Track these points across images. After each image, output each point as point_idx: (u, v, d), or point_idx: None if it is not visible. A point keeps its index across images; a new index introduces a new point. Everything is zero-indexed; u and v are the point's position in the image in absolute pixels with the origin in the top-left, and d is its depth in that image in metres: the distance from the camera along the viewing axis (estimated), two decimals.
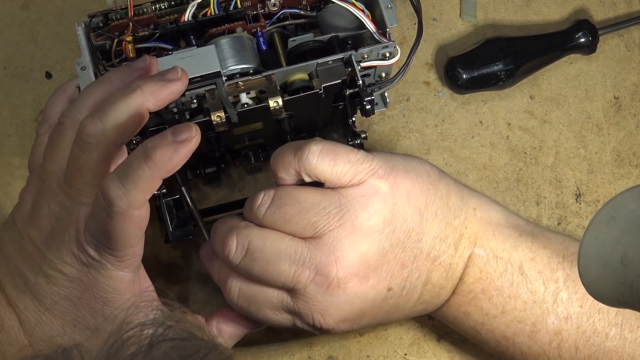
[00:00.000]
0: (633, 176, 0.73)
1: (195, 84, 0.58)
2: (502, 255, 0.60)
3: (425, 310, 0.61)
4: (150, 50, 0.62)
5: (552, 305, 0.59)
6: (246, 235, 0.57)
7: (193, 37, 0.62)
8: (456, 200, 0.60)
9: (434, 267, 0.59)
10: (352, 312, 0.57)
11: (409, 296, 0.59)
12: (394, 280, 0.58)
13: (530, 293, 0.59)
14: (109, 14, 0.62)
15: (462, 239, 0.59)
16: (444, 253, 0.59)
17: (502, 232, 0.60)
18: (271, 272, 0.56)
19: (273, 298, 0.58)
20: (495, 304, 0.60)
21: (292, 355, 0.67)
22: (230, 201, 0.68)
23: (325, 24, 0.64)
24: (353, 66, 0.61)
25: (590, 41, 0.74)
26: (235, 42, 0.61)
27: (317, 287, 0.56)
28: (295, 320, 0.58)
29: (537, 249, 0.60)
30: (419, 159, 0.60)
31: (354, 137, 0.66)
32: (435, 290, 0.59)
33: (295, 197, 0.56)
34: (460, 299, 0.60)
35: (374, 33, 0.62)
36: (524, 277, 0.59)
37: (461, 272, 0.60)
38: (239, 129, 0.63)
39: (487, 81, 0.73)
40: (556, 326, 0.59)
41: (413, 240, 0.58)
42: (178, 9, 0.63)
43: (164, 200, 0.63)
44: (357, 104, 0.63)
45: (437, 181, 0.59)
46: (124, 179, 0.50)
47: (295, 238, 0.56)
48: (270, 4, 0.64)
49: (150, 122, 0.59)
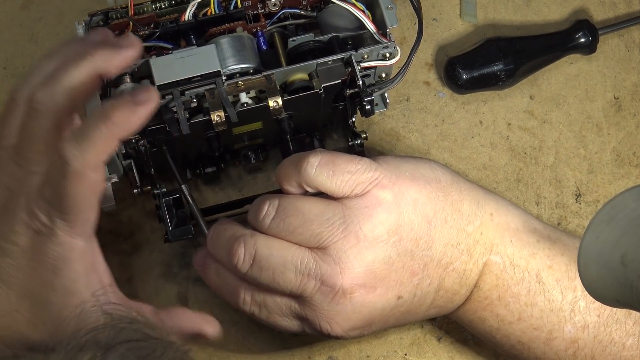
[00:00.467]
0: (633, 176, 0.73)
1: (195, 83, 0.58)
2: (519, 263, 0.59)
3: (439, 314, 0.61)
4: (150, 50, 0.62)
5: (569, 314, 0.59)
6: (253, 244, 0.57)
7: (193, 36, 0.62)
8: (470, 205, 0.59)
9: (447, 274, 0.58)
10: (360, 321, 0.57)
11: (421, 302, 0.59)
12: (404, 288, 0.57)
13: (547, 301, 0.59)
14: (109, 13, 0.62)
15: (477, 245, 0.59)
16: (457, 259, 0.58)
17: (519, 239, 0.60)
18: (278, 280, 0.56)
19: (282, 305, 0.58)
20: (511, 311, 0.59)
21: (292, 355, 0.67)
22: (229, 201, 0.68)
23: (326, 24, 0.64)
24: (353, 66, 0.61)
25: (590, 41, 0.74)
26: (235, 41, 0.61)
27: (323, 296, 0.56)
28: (304, 326, 0.59)
29: (555, 256, 0.59)
30: (430, 163, 0.60)
31: (354, 137, 0.66)
32: (448, 295, 0.59)
33: (299, 208, 0.56)
34: (476, 304, 0.60)
35: (374, 33, 0.62)
36: (541, 285, 0.59)
37: (476, 279, 0.59)
38: (238, 128, 0.63)
39: (487, 81, 0.73)
40: (573, 335, 0.59)
41: (422, 248, 0.57)
42: (178, 8, 0.63)
43: (163, 199, 0.63)
44: (357, 104, 0.63)
45: (448, 187, 0.59)
46: (81, 139, 0.50)
47: (302, 247, 0.56)
48: (270, 3, 0.64)
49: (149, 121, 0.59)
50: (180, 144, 0.62)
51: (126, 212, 0.70)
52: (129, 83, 0.61)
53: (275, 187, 0.70)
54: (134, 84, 0.61)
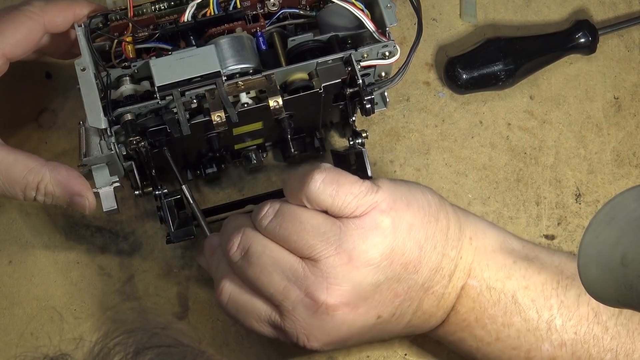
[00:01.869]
0: (633, 176, 0.73)
1: (195, 84, 0.58)
2: (495, 286, 0.60)
3: (413, 333, 0.62)
4: (150, 51, 0.62)
5: (546, 332, 0.59)
6: (250, 238, 0.57)
7: (192, 37, 0.62)
8: (454, 230, 0.59)
9: (426, 296, 0.59)
10: (338, 337, 0.58)
11: (398, 322, 0.59)
12: (385, 308, 0.58)
13: (524, 321, 0.59)
14: (109, 15, 0.62)
15: (457, 270, 0.59)
16: (437, 283, 0.59)
17: (496, 261, 0.60)
18: (263, 279, 0.56)
19: (261, 311, 0.58)
20: (489, 332, 0.60)
21: (292, 355, 0.67)
22: (230, 201, 0.68)
23: (325, 23, 0.64)
24: (353, 65, 0.61)
25: (590, 41, 0.74)
26: (235, 42, 0.61)
27: (305, 308, 0.56)
28: (279, 336, 0.59)
29: (531, 275, 0.60)
30: (420, 187, 0.60)
31: (355, 137, 0.66)
32: (425, 317, 0.60)
33: (297, 216, 0.57)
34: (454, 326, 0.61)
35: (373, 32, 0.62)
36: (517, 305, 0.59)
37: (453, 302, 0.60)
38: (239, 129, 0.63)
39: (487, 81, 0.73)
40: (550, 353, 0.59)
41: (409, 272, 0.58)
42: (177, 9, 0.63)
43: (165, 200, 0.63)
44: (357, 103, 0.63)
45: (437, 212, 0.59)
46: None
47: (295, 256, 0.57)
48: (269, 3, 0.64)
49: (149, 122, 0.59)
50: (181, 145, 0.62)
51: (126, 212, 0.70)
52: (128, 84, 0.61)
53: (277, 187, 0.70)
54: (135, 86, 0.61)
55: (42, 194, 0.60)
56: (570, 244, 0.71)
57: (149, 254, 0.69)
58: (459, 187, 0.72)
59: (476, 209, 0.72)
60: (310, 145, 0.70)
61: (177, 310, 0.68)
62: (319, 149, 0.70)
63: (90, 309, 0.68)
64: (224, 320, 0.68)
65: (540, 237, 0.71)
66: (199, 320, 0.68)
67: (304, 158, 0.71)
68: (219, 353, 0.67)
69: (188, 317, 0.68)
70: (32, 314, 0.68)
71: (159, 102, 0.59)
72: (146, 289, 0.68)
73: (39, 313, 0.68)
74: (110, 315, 0.44)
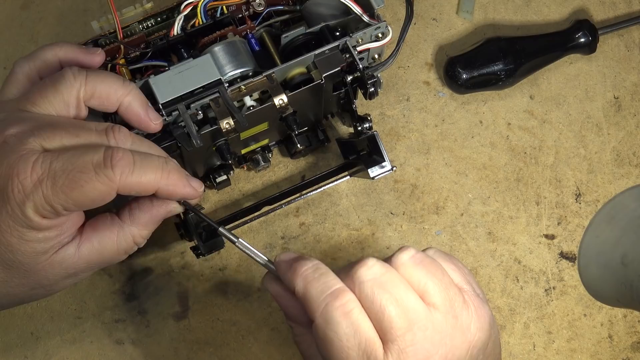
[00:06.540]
0: (633, 176, 0.73)
1: (198, 95, 0.58)
2: None
3: None
4: (144, 71, 0.62)
5: None
6: (348, 299, 0.50)
7: (183, 50, 0.62)
8: None
9: None
10: None
11: None
12: None
13: None
14: (99, 40, 0.61)
15: None
16: None
17: None
18: (338, 349, 0.50)
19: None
20: None
21: (292, 355, 0.67)
22: (246, 207, 0.67)
23: (311, 15, 0.64)
24: (351, 52, 0.61)
25: (590, 41, 0.74)
26: (229, 47, 0.61)
27: None
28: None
29: None
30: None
31: (361, 121, 0.66)
32: None
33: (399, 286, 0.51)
34: None
35: (361, 15, 0.62)
36: None
37: None
38: (246, 132, 0.63)
39: (487, 81, 0.73)
40: None
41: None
42: (166, 24, 0.63)
43: (189, 216, 0.61)
44: (356, 88, 0.64)
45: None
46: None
47: (377, 335, 0.51)
48: (255, 4, 0.64)
49: (161, 139, 0.58)
50: (190, 158, 0.62)
51: None
52: None
53: (284, 184, 0.71)
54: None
55: None
56: (570, 243, 0.71)
57: (149, 254, 0.69)
58: (459, 186, 0.72)
59: (476, 208, 0.72)
60: (314, 137, 0.70)
61: (177, 310, 0.68)
62: (323, 140, 0.70)
63: (90, 309, 0.68)
64: (224, 320, 0.68)
65: (540, 236, 0.71)
66: (199, 320, 0.68)
67: (309, 151, 0.71)
68: (219, 353, 0.67)
69: (188, 317, 0.68)
70: (32, 314, 0.68)
71: (166, 119, 0.58)
72: (146, 289, 0.68)
73: (39, 313, 0.68)
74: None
